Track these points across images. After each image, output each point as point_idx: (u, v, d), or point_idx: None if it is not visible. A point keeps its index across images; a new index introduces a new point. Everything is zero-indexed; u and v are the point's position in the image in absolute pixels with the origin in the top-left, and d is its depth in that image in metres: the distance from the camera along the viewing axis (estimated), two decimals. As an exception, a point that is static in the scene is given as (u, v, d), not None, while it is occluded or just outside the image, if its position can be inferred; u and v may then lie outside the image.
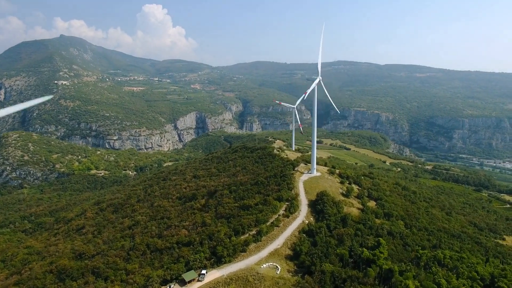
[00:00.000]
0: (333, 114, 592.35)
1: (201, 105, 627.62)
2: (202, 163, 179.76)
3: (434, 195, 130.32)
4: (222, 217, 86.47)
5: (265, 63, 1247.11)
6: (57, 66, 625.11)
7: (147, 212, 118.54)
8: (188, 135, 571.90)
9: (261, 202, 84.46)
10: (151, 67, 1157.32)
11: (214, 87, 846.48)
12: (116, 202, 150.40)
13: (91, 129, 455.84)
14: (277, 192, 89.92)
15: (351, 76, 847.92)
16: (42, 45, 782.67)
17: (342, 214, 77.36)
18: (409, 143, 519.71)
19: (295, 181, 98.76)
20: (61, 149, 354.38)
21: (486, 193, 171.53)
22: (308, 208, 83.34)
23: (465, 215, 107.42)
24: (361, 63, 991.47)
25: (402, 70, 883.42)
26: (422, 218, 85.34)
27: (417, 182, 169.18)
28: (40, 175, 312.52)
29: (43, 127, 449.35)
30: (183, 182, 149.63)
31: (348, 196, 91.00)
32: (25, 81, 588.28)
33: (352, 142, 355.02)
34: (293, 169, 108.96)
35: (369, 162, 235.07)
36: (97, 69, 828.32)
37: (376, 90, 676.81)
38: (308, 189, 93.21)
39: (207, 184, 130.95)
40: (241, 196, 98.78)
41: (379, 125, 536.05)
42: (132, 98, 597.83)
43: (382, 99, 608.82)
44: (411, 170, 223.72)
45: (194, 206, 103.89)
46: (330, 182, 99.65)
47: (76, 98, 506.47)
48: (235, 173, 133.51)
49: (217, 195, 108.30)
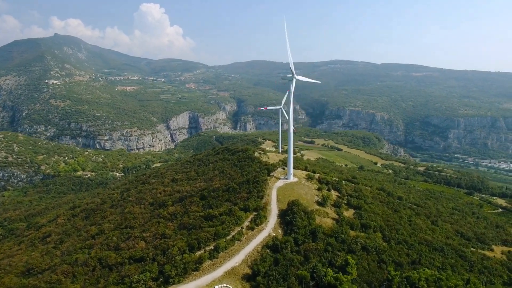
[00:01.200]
0: (328, 113, 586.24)
1: (195, 105, 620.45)
2: (183, 166, 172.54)
3: (421, 201, 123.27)
4: (185, 228, 79.17)
5: (261, 62, 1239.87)
6: (49, 65, 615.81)
7: (116, 220, 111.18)
8: (181, 135, 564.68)
9: (226, 212, 77.12)
10: (147, 67, 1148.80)
11: (209, 87, 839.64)
12: (90, 207, 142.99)
13: (82, 129, 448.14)
14: (245, 200, 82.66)
15: (347, 75, 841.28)
16: (35, 44, 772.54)
17: (312, 226, 70.05)
18: (404, 143, 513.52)
19: (268, 188, 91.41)
20: (48, 150, 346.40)
21: (478, 197, 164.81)
22: (278, 219, 75.99)
23: (452, 223, 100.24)
24: (358, 62, 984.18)
25: (399, 69, 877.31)
26: (403, 229, 78.08)
27: (406, 185, 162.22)
28: (25, 177, 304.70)
29: (32, 127, 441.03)
30: (160, 186, 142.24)
31: (324, 205, 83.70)
32: (15, 80, 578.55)
33: (345, 142, 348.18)
34: (268, 175, 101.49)
35: (360, 164, 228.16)
36: (91, 68, 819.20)
37: (372, 89, 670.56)
38: (280, 197, 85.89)
39: (182, 189, 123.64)
40: (209, 204, 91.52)
41: (374, 125, 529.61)
42: (125, 97, 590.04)
43: (377, 99, 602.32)
44: (403, 171, 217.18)
45: (161, 214, 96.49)
46: (307, 189, 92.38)
47: (67, 98, 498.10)
48: (212, 178, 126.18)
49: (187, 202, 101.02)
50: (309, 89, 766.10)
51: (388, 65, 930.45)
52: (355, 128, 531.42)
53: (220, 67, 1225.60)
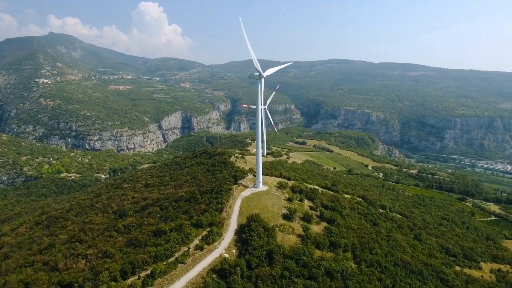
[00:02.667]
0: (323, 113, 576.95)
1: (188, 104, 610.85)
2: (160, 170, 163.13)
3: (408, 209, 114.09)
4: (133, 245, 69.90)
5: (258, 62, 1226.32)
6: (40, 64, 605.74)
7: (73, 230, 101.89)
8: (173, 135, 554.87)
9: (176, 228, 67.79)
10: (143, 66, 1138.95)
11: (204, 86, 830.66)
12: (55, 215, 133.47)
13: (71, 129, 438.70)
14: (201, 214, 73.40)
15: (344, 75, 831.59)
16: (28, 43, 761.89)
17: (270, 246, 60.69)
18: (400, 143, 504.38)
19: (232, 198, 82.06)
20: (32, 150, 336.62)
21: (470, 203, 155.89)
22: (235, 236, 66.64)
23: (438, 236, 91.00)
24: (355, 61, 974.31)
25: (396, 68, 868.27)
26: (379, 248, 68.76)
27: (395, 191, 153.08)
28: (6, 179, 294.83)
29: (20, 127, 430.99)
30: (131, 192, 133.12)
31: (291, 219, 74.33)
32: (5, 79, 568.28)
33: (338, 143, 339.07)
34: (234, 183, 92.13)
35: (350, 166, 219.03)
36: (86, 67, 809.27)
37: (368, 88, 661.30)
38: (244, 210, 76.56)
39: (150, 196, 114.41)
40: (167, 215, 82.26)
41: (370, 125, 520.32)
42: (117, 97, 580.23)
43: (373, 98, 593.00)
44: (394, 175, 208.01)
45: (117, 226, 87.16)
46: (275, 199, 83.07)
47: (57, 97, 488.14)
48: (181, 184, 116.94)
49: (146, 212, 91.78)
50: (305, 89, 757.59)
51: (386, 64, 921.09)
52: (350, 128, 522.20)
53: (217, 66, 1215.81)
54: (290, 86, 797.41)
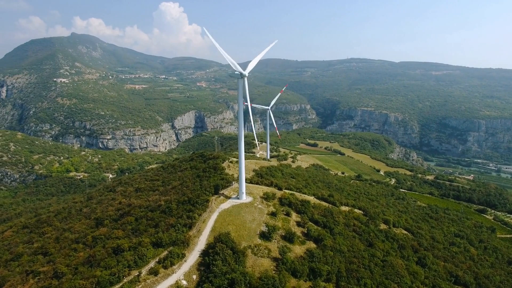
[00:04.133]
0: (339, 114, 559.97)
1: (202, 104, 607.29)
2: (155, 172, 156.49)
3: (415, 224, 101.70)
4: (89, 263, 62.32)
5: (275, 60, 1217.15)
6: (59, 64, 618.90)
7: (49, 238, 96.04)
8: (186, 134, 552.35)
9: (133, 246, 59.56)
10: (160, 65, 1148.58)
11: (220, 85, 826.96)
12: (43, 219, 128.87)
13: (85, 128, 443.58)
14: (167, 229, 64.93)
15: (362, 74, 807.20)
16: (50, 43, 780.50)
17: (235, 274, 51.41)
18: (419, 145, 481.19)
19: (209, 211, 73.26)
20: (44, 149, 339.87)
21: (491, 215, 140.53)
22: (200, 258, 57.75)
23: (447, 259, 78.68)
24: (374, 61, 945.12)
25: (418, 67, 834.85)
26: (369, 278, 58.13)
27: (405, 200, 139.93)
28: (18, 177, 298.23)
29: (37, 125, 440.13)
30: (120, 197, 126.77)
31: (269, 238, 64.72)
32: (26, 78, 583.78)
33: (351, 145, 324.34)
34: (215, 193, 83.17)
35: (360, 171, 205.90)
36: (104, 67, 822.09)
37: (387, 88, 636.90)
38: (218, 226, 67.56)
39: (134, 203, 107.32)
40: (137, 228, 74.41)
41: (387, 126, 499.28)
42: (132, 96, 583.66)
43: (392, 98, 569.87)
44: (407, 181, 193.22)
45: (86, 237, 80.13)
46: (256, 214, 73.61)
47: (73, 96, 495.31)
48: (168, 191, 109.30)
49: (119, 222, 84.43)
50: (322, 88, 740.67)
51: (407, 64, 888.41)
52: (366, 129, 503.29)
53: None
54: (306, 86, 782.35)
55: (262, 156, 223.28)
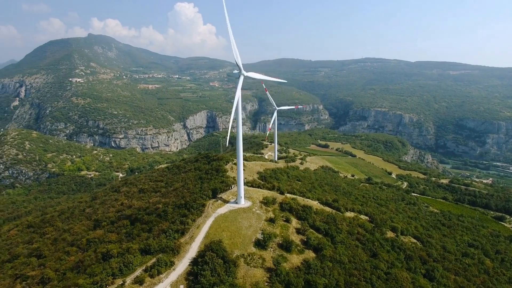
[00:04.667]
0: (352, 114, 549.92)
1: (214, 104, 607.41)
2: (160, 173, 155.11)
3: (426, 232, 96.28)
4: (78, 268, 60.43)
5: (289, 60, 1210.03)
6: (75, 64, 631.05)
7: (49, 239, 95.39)
8: (198, 134, 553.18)
9: (122, 252, 57.23)
10: (174, 65, 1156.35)
11: (233, 85, 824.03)
12: (47, 218, 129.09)
13: (99, 127, 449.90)
14: (158, 235, 62.37)
15: (376, 74, 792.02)
16: (67, 44, 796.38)
17: (223, 286, 48.30)
18: (434, 147, 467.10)
19: (204, 216, 70.46)
20: (58, 148, 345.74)
21: (511, 224, 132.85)
22: (190, 266, 54.90)
23: (458, 273, 73.24)
24: (390, 60, 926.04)
25: (434, 67, 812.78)
26: (368, 293, 54.01)
27: (416, 206, 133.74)
28: (32, 175, 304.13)
29: (53, 124, 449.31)
30: (122, 198, 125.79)
31: (265, 246, 61.37)
32: (43, 78, 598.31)
33: (363, 147, 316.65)
34: (212, 196, 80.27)
35: (371, 174, 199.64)
36: (120, 67, 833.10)
37: (402, 88, 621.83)
38: (212, 232, 64.64)
39: (135, 204, 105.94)
40: (130, 232, 72.30)
41: (402, 127, 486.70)
42: (145, 95, 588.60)
43: (407, 99, 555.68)
44: (420, 185, 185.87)
45: (81, 240, 78.60)
46: (254, 220, 70.35)
47: (88, 96, 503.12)
48: (169, 193, 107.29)
49: (115, 225, 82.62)
50: (335, 88, 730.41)
51: (423, 63, 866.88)
52: (380, 130, 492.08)
53: (248, 65, 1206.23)
54: (320, 86, 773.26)
55: (271, 157, 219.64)
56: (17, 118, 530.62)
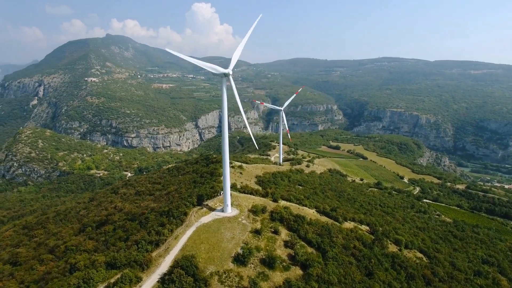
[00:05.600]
0: (366, 115, 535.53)
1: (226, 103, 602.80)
2: (160, 175, 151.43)
3: (434, 245, 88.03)
4: (43, 281, 56.25)
5: (303, 60, 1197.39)
6: (91, 64, 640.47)
7: (33, 243, 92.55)
8: (210, 134, 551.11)
9: (88, 265, 52.55)
10: (190, 64, 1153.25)
11: (247, 84, 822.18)
12: (41, 219, 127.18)
13: (111, 126, 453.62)
14: (129, 246, 57.43)
15: (393, 74, 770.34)
16: (85, 44, 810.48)
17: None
18: (452, 150, 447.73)
19: (185, 225, 65.25)
20: (69, 146, 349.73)
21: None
22: (159, 283, 49.65)
23: (467, 292, 65.52)
24: (407, 60, 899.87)
25: (454, 66, 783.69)
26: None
27: (427, 214, 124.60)
28: (44, 173, 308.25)
29: (68, 123, 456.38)
30: (117, 200, 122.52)
31: (245, 262, 55.50)
32: (61, 78, 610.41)
33: (377, 148, 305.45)
34: (197, 204, 74.94)
35: (381, 178, 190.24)
36: (135, 66, 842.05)
37: (420, 89, 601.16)
38: (190, 244, 59.29)
39: (126, 208, 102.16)
40: (107, 240, 67.83)
41: (418, 128, 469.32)
42: (158, 95, 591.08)
43: (424, 99, 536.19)
44: (434, 190, 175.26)
45: (58, 246, 74.86)
46: (238, 230, 64.63)
47: (102, 95, 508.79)
48: (161, 196, 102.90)
49: (99, 231, 78.55)
50: (351, 88, 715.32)
51: (442, 62, 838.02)
52: (395, 132, 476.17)
53: (262, 65, 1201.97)
54: (335, 85, 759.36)
55: (277, 159, 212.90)
56: (35, 117, 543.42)
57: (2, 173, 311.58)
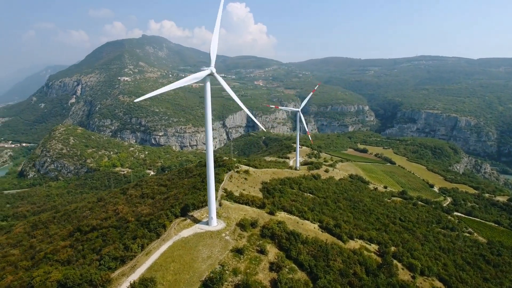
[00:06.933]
0: (400, 116, 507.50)
1: (254, 103, 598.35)
2: (169, 176, 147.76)
3: (456, 273, 75.42)
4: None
5: (337, 59, 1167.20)
6: (125, 64, 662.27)
7: (27, 244, 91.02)
8: (237, 133, 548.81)
9: (41, 282, 47.60)
10: (222, 64, 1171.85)
11: (277, 84, 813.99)
12: (49, 218, 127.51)
13: (141, 124, 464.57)
14: (95, 260, 51.93)
15: (432, 73, 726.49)
16: (121, 45, 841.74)
17: None
18: (496, 155, 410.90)
19: (163, 238, 59.07)
20: (98, 144, 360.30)
21: None
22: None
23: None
24: (448, 58, 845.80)
25: (502, 64, 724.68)
26: None
27: (455, 231, 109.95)
28: (73, 169, 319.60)
29: (100, 120, 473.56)
30: (122, 202, 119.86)
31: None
32: (96, 77, 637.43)
33: (408, 152, 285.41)
34: (181, 214, 68.49)
35: (408, 186, 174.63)
36: (168, 66, 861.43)
37: (460, 89, 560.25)
38: (161, 262, 52.86)
39: (122, 211, 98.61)
40: (81, 251, 63.22)
41: (457, 132, 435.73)
42: (187, 94, 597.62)
43: (465, 100, 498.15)
44: (468, 202, 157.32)
45: (38, 254, 71.58)
46: (218, 248, 57.36)
47: (133, 94, 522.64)
48: (158, 201, 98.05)
49: (85, 237, 74.59)
50: (384, 88, 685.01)
51: (487, 60, 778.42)
52: (431, 134, 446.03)
53: (294, 64, 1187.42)
54: (367, 85, 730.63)
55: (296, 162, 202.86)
56: (72, 115, 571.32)
57: (38, 168, 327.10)
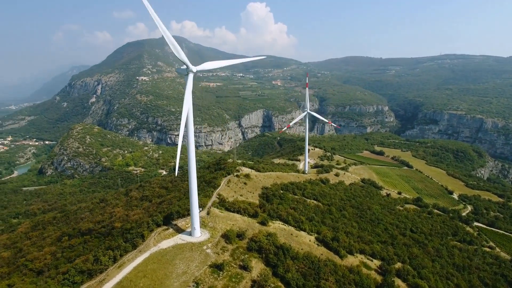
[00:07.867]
0: (421, 117, 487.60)
1: (271, 102, 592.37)
2: (172, 179, 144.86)
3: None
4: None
5: (357, 58, 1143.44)
6: (143, 63, 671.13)
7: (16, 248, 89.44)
8: (253, 133, 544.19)
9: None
10: (240, 63, 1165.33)
11: (295, 84, 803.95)
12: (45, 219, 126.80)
13: (157, 123, 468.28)
14: (63, 272, 48.29)
15: (456, 72, 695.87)
16: (141, 45, 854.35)
17: None
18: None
19: (139, 249, 54.86)
20: (113, 143, 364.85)
21: None
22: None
23: None
24: (475, 56, 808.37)
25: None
26: None
27: (472, 245, 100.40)
28: (88, 167, 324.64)
29: (118, 119, 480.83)
30: (121, 204, 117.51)
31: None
32: (116, 77, 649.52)
33: (427, 155, 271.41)
34: (164, 223, 64.09)
35: (424, 192, 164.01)
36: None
37: (487, 88, 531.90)
38: (132, 277, 48.60)
39: (116, 215, 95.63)
40: (60, 257, 59.97)
41: (482, 134, 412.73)
42: (204, 93, 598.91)
43: (492, 100, 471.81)
44: (491, 211, 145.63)
45: (19, 261, 69.03)
46: (195, 263, 52.51)
47: (150, 93, 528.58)
48: (153, 205, 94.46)
49: (71, 242, 71.62)
50: (405, 88, 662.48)
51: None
52: (454, 137, 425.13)
53: (313, 64, 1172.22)
54: (388, 85, 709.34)
55: (309, 164, 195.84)
56: (92, 113, 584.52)
57: (55, 166, 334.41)
